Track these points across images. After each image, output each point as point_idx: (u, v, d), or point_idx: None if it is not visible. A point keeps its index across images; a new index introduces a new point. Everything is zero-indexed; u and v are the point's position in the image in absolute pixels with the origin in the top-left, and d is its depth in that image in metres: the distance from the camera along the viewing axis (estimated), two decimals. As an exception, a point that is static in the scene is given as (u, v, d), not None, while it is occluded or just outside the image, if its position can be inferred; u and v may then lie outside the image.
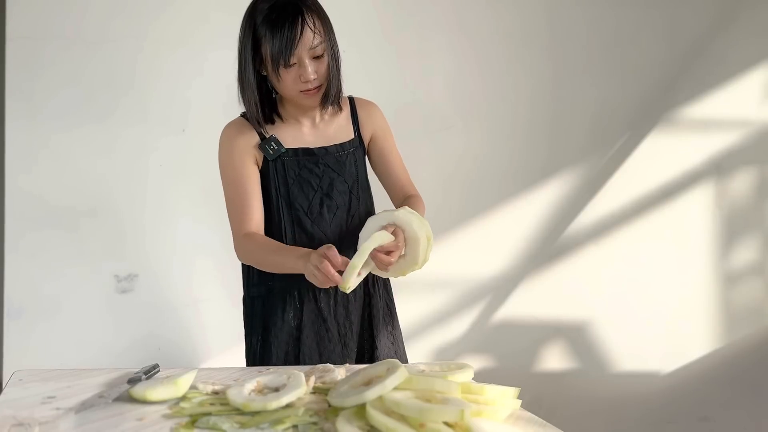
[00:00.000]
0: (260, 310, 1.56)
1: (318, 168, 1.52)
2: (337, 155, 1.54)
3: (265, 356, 1.53)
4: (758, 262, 2.78)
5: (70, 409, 1.07)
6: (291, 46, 1.37)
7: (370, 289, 1.58)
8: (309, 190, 1.51)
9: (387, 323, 1.61)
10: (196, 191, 2.42)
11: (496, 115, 2.63)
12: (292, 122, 1.53)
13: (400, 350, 1.63)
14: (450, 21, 2.59)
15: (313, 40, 1.39)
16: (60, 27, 2.31)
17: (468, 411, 0.93)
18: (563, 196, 2.67)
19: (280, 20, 1.37)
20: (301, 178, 1.51)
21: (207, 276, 2.43)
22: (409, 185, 1.63)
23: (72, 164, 2.34)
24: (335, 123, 1.57)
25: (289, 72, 1.40)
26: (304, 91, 1.43)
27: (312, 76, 1.40)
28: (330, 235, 1.52)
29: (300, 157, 1.51)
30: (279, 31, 1.37)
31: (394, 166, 1.63)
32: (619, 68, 2.69)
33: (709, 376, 2.76)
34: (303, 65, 1.39)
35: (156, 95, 2.39)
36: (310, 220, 1.51)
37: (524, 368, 2.68)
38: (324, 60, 1.42)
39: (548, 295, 2.67)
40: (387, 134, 1.64)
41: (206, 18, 2.41)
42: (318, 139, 1.54)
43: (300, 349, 1.51)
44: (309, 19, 1.38)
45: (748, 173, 2.77)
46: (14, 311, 2.29)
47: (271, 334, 1.53)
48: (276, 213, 1.51)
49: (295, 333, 1.52)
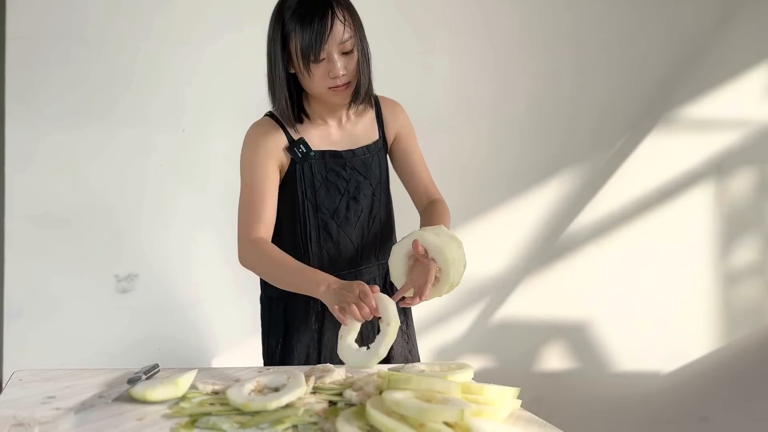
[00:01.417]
0: (281, 312, 1.54)
1: (345, 171, 1.50)
2: (364, 158, 1.52)
3: (286, 358, 1.52)
4: (758, 262, 2.78)
5: (70, 409, 1.07)
6: (321, 39, 1.34)
7: (388, 290, 1.58)
8: (336, 194, 1.49)
9: (402, 322, 1.60)
10: (196, 191, 2.43)
11: (495, 115, 2.63)
12: (318, 122, 1.51)
13: (414, 349, 1.63)
14: (450, 21, 2.59)
15: (343, 35, 1.36)
16: (60, 27, 2.31)
17: (468, 411, 0.93)
18: (563, 195, 2.67)
19: (310, 14, 1.35)
20: (329, 182, 1.49)
21: (207, 276, 2.43)
22: (433, 188, 1.62)
23: (72, 164, 2.34)
24: (361, 123, 1.55)
25: (318, 67, 1.38)
26: (333, 88, 1.40)
27: (341, 72, 1.38)
28: (354, 239, 1.52)
29: (327, 160, 1.49)
30: (309, 24, 1.34)
31: (417, 167, 1.61)
32: (619, 68, 2.69)
33: (709, 376, 2.76)
34: (332, 60, 1.37)
35: (156, 95, 2.38)
36: (336, 223, 1.50)
37: (524, 368, 2.68)
38: (354, 56, 1.40)
39: (548, 295, 2.67)
40: (411, 135, 1.62)
41: (207, 18, 2.41)
42: (345, 140, 1.52)
43: (321, 351, 1.51)
44: (339, 13, 1.36)
45: (748, 173, 2.77)
46: (14, 311, 2.29)
47: (294, 338, 1.51)
48: (302, 216, 1.49)
49: (317, 336, 1.51)
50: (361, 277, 1.53)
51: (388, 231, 1.61)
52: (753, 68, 2.74)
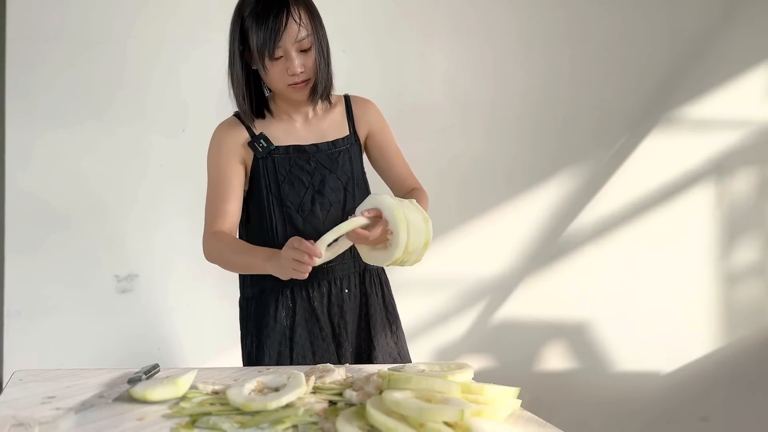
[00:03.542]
0: (254, 311, 1.55)
1: (309, 165, 1.51)
2: (329, 152, 1.53)
3: (259, 357, 1.52)
4: (758, 263, 2.78)
5: (70, 409, 1.06)
6: (275, 37, 1.37)
7: (367, 288, 1.57)
8: (300, 187, 1.50)
9: (389, 323, 1.59)
10: (196, 191, 2.42)
11: (495, 115, 2.63)
12: (284, 118, 1.53)
13: (404, 351, 1.61)
14: (449, 21, 2.59)
15: (298, 33, 1.38)
16: (60, 27, 2.31)
17: (468, 411, 0.93)
18: (563, 196, 2.67)
19: (266, 12, 1.37)
20: (292, 175, 1.50)
21: (207, 276, 2.42)
22: (411, 178, 1.62)
23: (72, 164, 2.34)
24: (329, 119, 1.56)
25: (276, 65, 1.40)
26: (292, 85, 1.43)
27: (299, 69, 1.40)
28: (323, 232, 1.50)
29: (291, 154, 1.50)
30: (264, 22, 1.37)
31: (393, 160, 1.62)
32: (619, 68, 2.69)
33: (709, 376, 2.76)
34: (289, 58, 1.39)
35: (156, 95, 2.39)
36: (302, 217, 1.49)
37: (524, 368, 2.68)
38: (311, 54, 1.42)
39: (548, 295, 2.67)
40: (384, 130, 1.62)
41: (207, 18, 2.41)
42: (310, 135, 1.53)
43: (293, 349, 1.50)
44: (294, 11, 1.38)
45: (748, 173, 2.77)
46: (14, 311, 2.29)
47: (264, 335, 1.52)
48: (267, 211, 1.50)
49: (288, 333, 1.51)
50: (334, 273, 1.52)
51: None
52: (753, 68, 2.74)
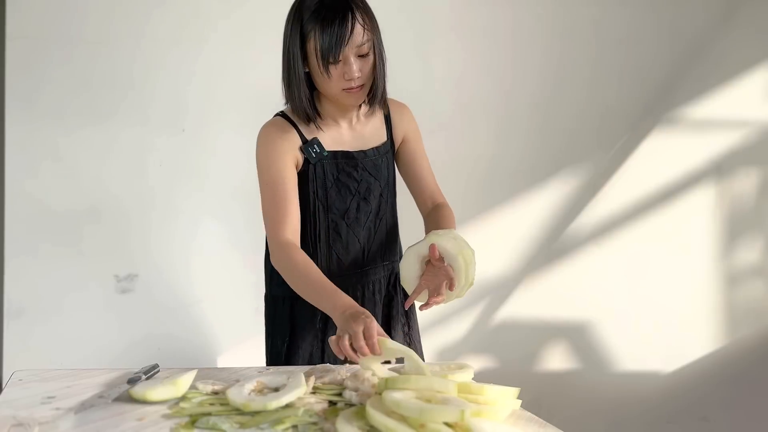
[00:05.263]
0: (286, 311, 1.54)
1: (356, 172, 1.50)
2: (374, 159, 1.53)
3: (291, 357, 1.53)
4: (759, 263, 2.78)
5: (70, 409, 1.07)
6: (341, 42, 1.35)
7: (391, 291, 1.59)
8: (347, 194, 1.50)
9: (403, 324, 1.61)
10: (197, 190, 2.43)
11: (495, 115, 2.63)
12: (330, 123, 1.51)
13: (417, 350, 1.63)
14: (449, 21, 2.59)
15: (362, 38, 1.37)
16: (60, 27, 2.31)
17: (468, 411, 0.93)
18: (564, 196, 2.67)
19: (330, 15, 1.35)
20: (340, 182, 1.49)
21: (207, 276, 2.43)
22: (437, 192, 1.62)
23: (72, 164, 2.34)
24: (370, 125, 1.55)
25: (335, 69, 1.38)
26: (347, 90, 1.41)
27: (357, 74, 1.38)
28: (362, 239, 1.52)
29: (339, 161, 1.49)
30: (329, 26, 1.34)
31: (422, 171, 1.62)
32: (619, 68, 2.69)
33: (710, 376, 2.76)
34: (348, 63, 1.37)
35: (156, 95, 2.39)
36: (347, 224, 1.50)
37: (525, 368, 2.68)
38: (369, 59, 1.41)
39: (549, 295, 2.67)
40: (417, 138, 1.63)
41: (206, 17, 2.41)
42: (355, 141, 1.53)
43: (324, 351, 1.51)
44: (359, 15, 1.37)
45: (748, 174, 2.77)
46: (14, 311, 2.29)
47: (299, 337, 1.52)
48: (312, 216, 1.50)
49: (320, 336, 1.52)
50: (368, 278, 1.55)
51: (393, 232, 1.62)
52: (753, 69, 2.74)
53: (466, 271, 1.38)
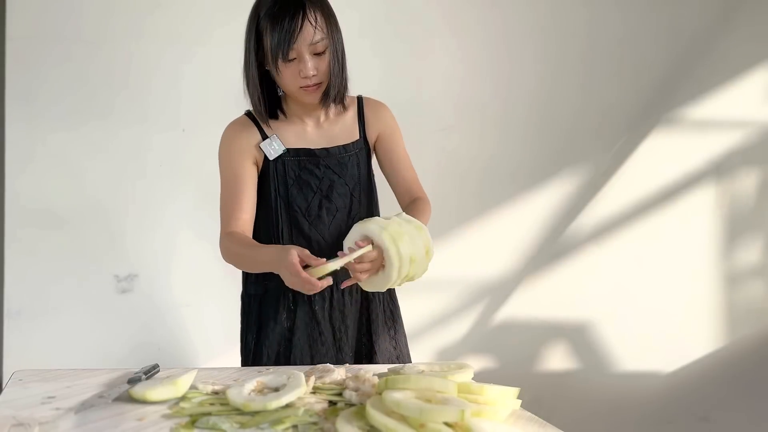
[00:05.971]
0: (256, 309, 1.55)
1: (318, 169, 1.51)
2: (339, 156, 1.52)
3: (257, 355, 1.53)
4: (759, 263, 2.78)
5: (70, 409, 1.06)
6: (290, 39, 1.36)
7: (369, 295, 1.57)
8: (308, 192, 1.50)
9: (389, 327, 1.59)
10: (196, 190, 2.42)
11: (495, 115, 2.63)
12: (296, 121, 1.52)
13: (403, 354, 1.61)
14: (449, 21, 2.59)
15: (314, 36, 1.38)
16: (60, 27, 2.31)
17: (468, 411, 0.93)
18: (564, 196, 2.67)
19: (281, 13, 1.37)
20: (301, 180, 1.49)
21: (207, 276, 2.43)
22: (416, 186, 1.61)
23: (72, 164, 2.34)
24: (340, 123, 1.55)
25: (289, 67, 1.40)
26: (304, 87, 1.42)
27: (311, 72, 1.39)
28: (328, 237, 1.51)
29: (301, 158, 1.50)
30: (279, 24, 1.36)
31: (400, 166, 1.61)
32: (619, 69, 2.69)
33: (710, 376, 2.76)
34: (303, 60, 1.39)
35: (155, 95, 2.39)
36: (308, 222, 1.50)
37: (525, 368, 2.67)
38: (325, 57, 1.41)
39: (549, 295, 2.67)
40: (395, 134, 1.61)
41: (206, 17, 2.41)
42: (321, 139, 1.53)
43: (291, 351, 1.50)
44: (311, 14, 1.37)
45: (749, 174, 2.77)
46: (14, 311, 2.29)
47: (263, 334, 1.52)
48: (274, 214, 1.50)
49: (287, 334, 1.51)
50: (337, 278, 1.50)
51: None
52: (753, 69, 2.74)
53: (396, 247, 1.34)
